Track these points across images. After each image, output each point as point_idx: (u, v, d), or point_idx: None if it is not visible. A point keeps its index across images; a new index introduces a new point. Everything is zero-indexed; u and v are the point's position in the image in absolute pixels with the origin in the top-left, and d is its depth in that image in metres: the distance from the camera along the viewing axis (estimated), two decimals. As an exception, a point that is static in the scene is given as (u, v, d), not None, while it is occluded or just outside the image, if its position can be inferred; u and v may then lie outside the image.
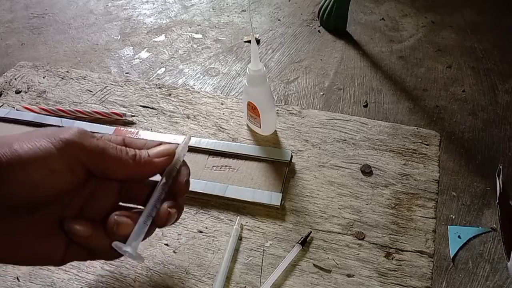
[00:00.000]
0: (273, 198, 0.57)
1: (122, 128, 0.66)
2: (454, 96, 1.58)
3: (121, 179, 0.40)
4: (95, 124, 0.68)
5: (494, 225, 1.18)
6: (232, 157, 0.63)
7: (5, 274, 0.51)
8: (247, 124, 0.69)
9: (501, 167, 1.29)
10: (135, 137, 0.63)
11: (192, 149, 0.64)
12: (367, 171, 0.61)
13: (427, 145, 0.64)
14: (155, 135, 0.67)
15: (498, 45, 1.80)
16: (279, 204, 0.56)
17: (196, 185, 0.58)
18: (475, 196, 1.25)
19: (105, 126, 0.67)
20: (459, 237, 1.15)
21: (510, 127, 1.45)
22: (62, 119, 0.68)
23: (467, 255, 1.12)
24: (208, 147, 0.64)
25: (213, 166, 0.62)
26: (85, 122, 0.69)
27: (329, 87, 1.62)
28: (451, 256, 1.11)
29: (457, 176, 1.30)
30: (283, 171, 0.61)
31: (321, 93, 1.59)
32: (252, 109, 0.63)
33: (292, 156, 0.63)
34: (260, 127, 0.65)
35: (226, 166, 0.62)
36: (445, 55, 1.77)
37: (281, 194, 0.57)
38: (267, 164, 0.62)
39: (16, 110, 0.71)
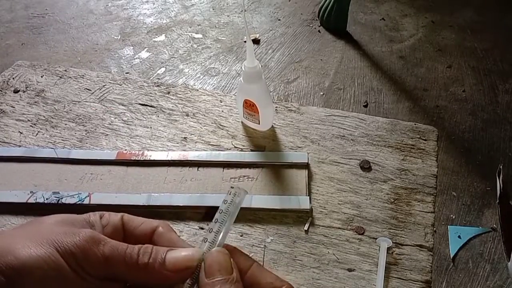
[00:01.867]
0: (301, 202, 0.55)
1: (125, 151, 0.63)
2: (454, 96, 1.58)
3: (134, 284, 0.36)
4: (96, 150, 0.65)
5: (494, 225, 1.17)
6: (248, 167, 0.61)
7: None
8: (242, 122, 0.69)
9: (501, 167, 1.29)
10: (139, 156, 0.62)
11: (206, 164, 0.62)
12: (366, 166, 0.61)
13: (425, 140, 0.64)
14: (155, 132, 0.67)
15: (498, 45, 1.81)
16: (308, 208, 0.55)
17: (217, 199, 0.56)
18: (475, 196, 1.25)
19: (107, 151, 0.64)
20: (459, 237, 1.15)
21: (510, 127, 1.45)
22: (56, 149, 0.64)
23: (467, 255, 1.11)
24: (221, 160, 0.62)
25: (231, 178, 0.60)
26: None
27: (329, 87, 1.62)
28: (451, 256, 1.11)
29: (457, 176, 1.30)
30: (303, 173, 0.60)
31: (321, 93, 1.59)
32: (250, 106, 0.63)
33: (308, 157, 0.61)
34: (259, 123, 0.65)
35: (244, 176, 0.60)
36: (445, 55, 1.77)
37: (308, 197, 0.56)
38: (284, 168, 0.61)
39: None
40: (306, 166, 0.61)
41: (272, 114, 0.67)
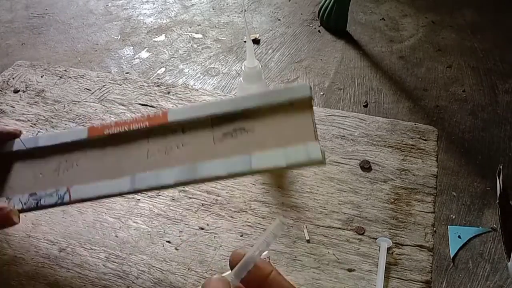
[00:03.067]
0: (310, 151, 0.43)
1: (96, 125, 0.53)
2: (454, 96, 1.58)
3: None
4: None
5: (494, 225, 1.17)
6: (242, 118, 0.48)
7: (8, 274, 0.51)
8: None
9: (501, 167, 1.29)
10: (113, 129, 0.51)
11: (191, 123, 0.49)
12: (366, 166, 0.61)
13: (425, 140, 0.64)
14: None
15: (498, 45, 1.81)
16: (320, 158, 0.42)
17: (213, 168, 0.45)
18: (475, 196, 1.25)
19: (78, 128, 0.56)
20: (459, 237, 1.15)
21: (510, 127, 1.45)
22: (23, 139, 0.54)
23: (467, 255, 1.12)
24: (208, 113, 0.48)
25: (223, 134, 0.48)
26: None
27: (329, 87, 1.62)
28: (451, 256, 1.11)
29: (457, 176, 1.30)
30: (307, 112, 0.46)
31: (321, 93, 1.59)
32: None
33: (311, 89, 0.46)
34: None
35: (238, 129, 0.47)
36: (445, 55, 1.77)
37: (318, 142, 0.43)
38: (285, 110, 0.47)
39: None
40: (309, 102, 0.46)
41: None
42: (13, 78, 0.79)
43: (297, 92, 0.47)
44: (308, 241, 0.53)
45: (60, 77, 0.79)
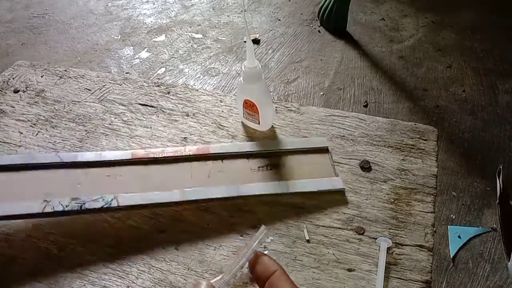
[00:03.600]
0: (334, 183, 0.57)
1: (141, 151, 0.61)
2: (454, 96, 1.58)
3: None
4: (111, 150, 0.62)
5: (494, 225, 1.17)
6: (271, 156, 0.61)
7: (8, 274, 0.51)
8: (242, 122, 0.69)
9: (501, 167, 1.29)
10: (160, 154, 0.59)
11: (229, 156, 0.61)
12: (366, 166, 0.61)
13: (425, 140, 0.64)
14: (155, 132, 0.67)
15: (498, 45, 1.81)
16: (342, 187, 0.57)
17: (254, 189, 0.56)
18: (475, 196, 1.25)
19: (123, 151, 0.61)
20: (459, 237, 1.15)
21: (510, 127, 1.45)
22: (59, 153, 0.61)
23: (467, 255, 1.11)
24: (244, 150, 0.62)
25: (258, 167, 0.60)
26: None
27: (329, 87, 1.62)
28: (451, 256, 1.11)
29: (457, 176, 1.30)
30: (325, 156, 0.62)
31: (321, 93, 1.59)
32: (250, 107, 0.63)
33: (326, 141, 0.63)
34: (258, 123, 0.65)
35: (270, 164, 0.60)
36: (445, 55, 1.77)
37: (340, 178, 0.58)
38: (307, 154, 0.62)
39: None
40: (326, 149, 0.62)
41: (272, 114, 0.67)
42: (13, 78, 0.79)
43: (316, 142, 0.63)
44: (308, 241, 0.53)
45: (60, 77, 0.79)
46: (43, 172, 0.58)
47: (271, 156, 0.61)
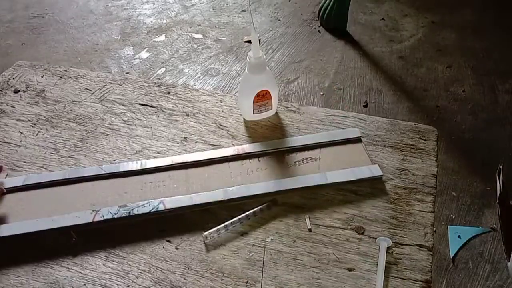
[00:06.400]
0: (373, 170, 0.59)
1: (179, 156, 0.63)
2: (454, 96, 1.58)
3: None
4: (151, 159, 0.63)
5: (494, 225, 1.17)
6: (306, 149, 0.63)
7: (7, 273, 0.51)
8: (244, 120, 0.69)
9: (501, 167, 1.29)
10: (198, 157, 0.62)
11: (265, 153, 0.63)
12: (366, 166, 0.61)
13: (424, 140, 0.64)
14: (156, 132, 0.67)
15: (498, 45, 1.80)
16: (381, 174, 0.59)
17: (294, 182, 0.58)
18: (475, 196, 1.24)
19: (162, 158, 0.63)
20: (459, 237, 1.15)
21: (510, 127, 1.45)
22: (103, 166, 0.62)
23: (467, 255, 1.11)
24: (280, 147, 0.64)
25: (295, 161, 0.62)
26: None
27: (329, 87, 1.62)
28: (451, 256, 1.11)
29: (457, 176, 1.30)
30: (360, 146, 0.63)
31: (321, 93, 1.59)
32: (263, 96, 0.65)
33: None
34: (272, 108, 0.68)
35: (306, 158, 0.62)
36: (445, 55, 1.77)
37: (377, 165, 0.60)
38: (340, 145, 0.63)
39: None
40: (359, 139, 0.64)
41: (277, 95, 0.70)
42: (13, 78, 0.79)
43: (349, 133, 0.64)
44: (310, 230, 0.53)
45: (61, 77, 0.79)
46: (84, 185, 0.60)
47: (306, 150, 0.63)
